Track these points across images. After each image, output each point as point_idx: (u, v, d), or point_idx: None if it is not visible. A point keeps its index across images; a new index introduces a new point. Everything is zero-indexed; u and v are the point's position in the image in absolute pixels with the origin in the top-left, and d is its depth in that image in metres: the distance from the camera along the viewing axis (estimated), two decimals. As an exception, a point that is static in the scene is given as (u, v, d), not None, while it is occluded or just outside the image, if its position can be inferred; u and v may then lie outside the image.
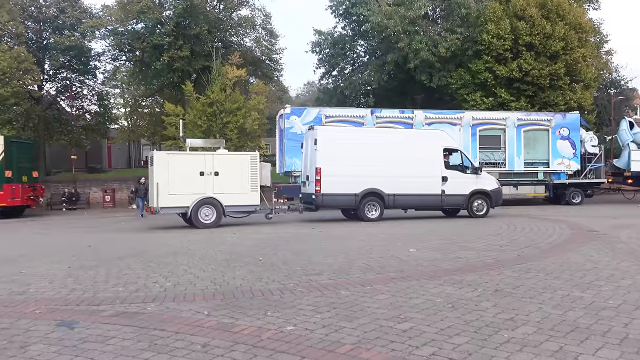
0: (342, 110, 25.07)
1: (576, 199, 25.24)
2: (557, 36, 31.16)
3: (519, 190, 24.93)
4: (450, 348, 4.33)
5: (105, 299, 6.42)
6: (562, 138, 25.27)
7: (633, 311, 5.35)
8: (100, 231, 16.04)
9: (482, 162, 23.97)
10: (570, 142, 25.38)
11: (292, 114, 22.76)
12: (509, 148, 24.80)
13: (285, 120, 22.65)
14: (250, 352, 4.34)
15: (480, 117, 24.95)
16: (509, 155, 24.81)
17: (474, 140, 24.31)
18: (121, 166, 49.80)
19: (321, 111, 23.32)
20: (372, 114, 23.64)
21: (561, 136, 25.27)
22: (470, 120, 24.39)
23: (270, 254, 9.84)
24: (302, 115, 22.80)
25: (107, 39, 36.82)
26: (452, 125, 24.05)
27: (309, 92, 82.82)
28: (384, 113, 24.08)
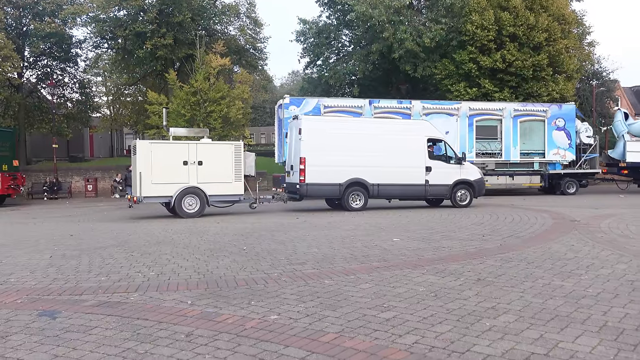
0: (341, 100, 25.24)
1: (571, 189, 25.61)
2: (541, 27, 31.37)
3: (515, 180, 25.32)
4: (432, 336, 4.37)
5: (87, 288, 6.38)
6: (558, 129, 25.58)
7: (612, 299, 5.44)
8: (83, 221, 15.90)
9: (478, 152, 24.28)
10: (566, 133, 25.69)
11: (291, 104, 22.87)
12: (505, 138, 25.10)
13: (284, 110, 22.71)
14: (234, 341, 4.35)
15: (477, 107, 25.24)
16: (505, 145, 25.11)
17: (470, 131, 24.57)
18: (103, 155, 49.33)
19: (320, 101, 23.51)
20: (370, 104, 23.86)
21: (557, 127, 25.58)
22: (467, 110, 24.66)
23: (254, 244, 9.83)
24: (301, 105, 22.93)
25: (88, 26, 36.25)
26: (449, 115, 24.34)
27: (294, 82, 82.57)
28: (381, 103, 24.33)
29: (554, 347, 4.09)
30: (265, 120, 77.19)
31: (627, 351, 3.99)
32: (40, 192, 30.10)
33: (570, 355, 3.92)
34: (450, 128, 23.92)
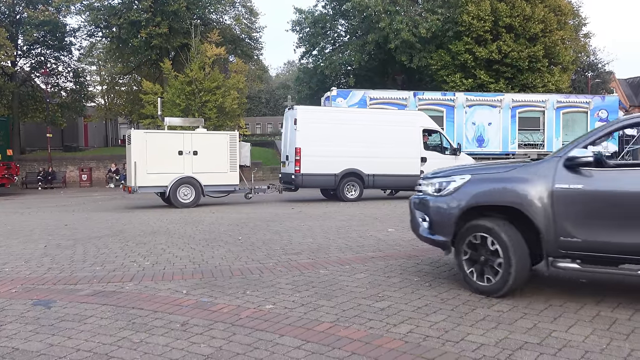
0: (386, 92, 25.58)
1: None
2: (537, 18, 31.35)
3: None
4: (427, 326, 4.40)
5: (82, 278, 6.37)
6: (601, 120, 25.73)
7: (604, 290, 5.48)
8: (77, 210, 15.86)
9: (521, 143, 24.55)
10: None
11: (338, 96, 23.60)
12: (547, 130, 25.37)
13: (332, 102, 23.16)
14: (229, 330, 4.36)
15: (519, 99, 25.59)
16: (547, 136, 25.38)
17: (513, 122, 24.88)
18: (98, 145, 49.16)
19: (366, 93, 24.21)
20: (415, 96, 24.39)
21: (599, 118, 25.73)
22: (510, 102, 25.00)
23: (249, 234, 9.84)
24: (348, 97, 23.58)
25: (82, 14, 36.00)
26: (492, 107, 24.71)
27: (289, 72, 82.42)
28: (426, 95, 24.98)
29: (547, 336, 4.13)
30: (260, 111, 77.10)
31: (619, 340, 4.03)
32: (34, 182, 29.97)
33: (563, 344, 3.95)
34: (493, 120, 24.26)
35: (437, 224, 5.80)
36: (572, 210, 5.02)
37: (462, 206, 5.54)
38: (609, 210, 4.88)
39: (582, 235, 4.95)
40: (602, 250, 4.92)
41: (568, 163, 5.05)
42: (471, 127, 24.73)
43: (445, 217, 5.70)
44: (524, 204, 5.17)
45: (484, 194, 5.51)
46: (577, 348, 3.88)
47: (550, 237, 5.08)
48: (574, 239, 4.99)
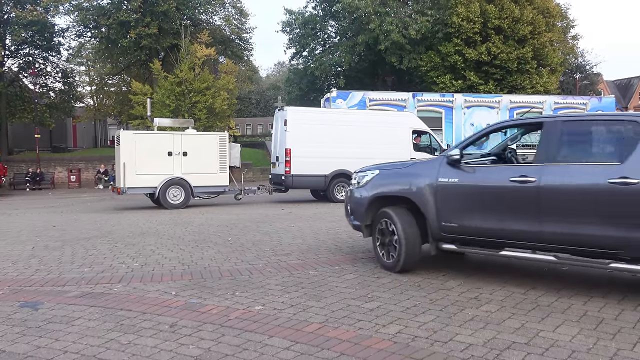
0: (385, 94, 25.75)
1: None
2: (525, 20, 31.58)
3: None
4: (415, 326, 4.41)
5: (70, 279, 6.33)
6: None
7: (592, 289, 5.52)
8: (66, 212, 15.76)
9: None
10: None
11: (338, 97, 23.68)
12: None
13: (331, 103, 23.20)
14: (217, 331, 4.35)
15: (517, 100, 25.76)
16: None
17: None
18: (87, 146, 48.85)
19: (365, 95, 24.35)
20: (414, 97, 24.55)
21: None
22: (507, 103, 25.17)
23: (239, 235, 9.82)
24: (348, 98, 23.65)
25: (71, 14, 35.78)
26: (490, 108, 24.85)
27: (280, 73, 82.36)
28: (425, 96, 25.17)
29: (534, 336, 4.15)
30: (250, 111, 76.96)
31: (605, 340, 4.06)
32: (22, 183, 29.74)
33: (550, 344, 3.98)
34: (491, 120, 24.47)
35: (354, 211, 7.10)
36: (450, 199, 6.05)
37: (370, 196, 6.79)
38: (474, 199, 5.92)
39: (458, 221, 5.98)
40: (472, 234, 5.94)
41: (448, 160, 6.11)
42: (470, 128, 24.86)
43: (359, 205, 6.96)
44: (413, 194, 6.32)
45: (385, 186, 6.73)
46: (564, 348, 3.91)
47: (434, 223, 6.15)
48: (452, 224, 6.03)
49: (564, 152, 5.54)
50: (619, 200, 4.97)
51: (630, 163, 4.98)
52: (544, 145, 5.67)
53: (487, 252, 5.93)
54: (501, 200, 5.72)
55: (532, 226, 5.44)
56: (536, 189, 5.41)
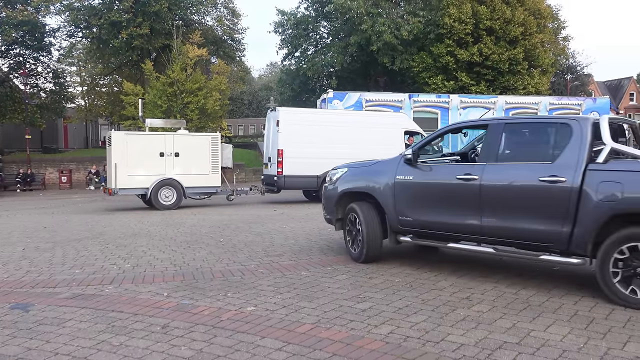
0: (381, 94, 25.77)
1: None
2: (517, 21, 31.72)
3: None
4: (407, 326, 4.42)
5: (61, 281, 6.30)
6: None
7: (582, 289, 5.55)
8: (57, 213, 15.67)
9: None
10: None
11: (335, 98, 23.65)
12: None
13: (327, 104, 23.18)
14: (210, 332, 4.34)
15: (513, 101, 25.83)
16: None
17: None
18: (78, 146, 48.56)
19: (362, 95, 24.36)
20: (410, 98, 24.57)
21: None
22: (503, 104, 25.24)
23: (231, 236, 9.80)
24: (344, 99, 23.64)
25: (62, 14, 35.54)
26: (486, 109, 24.88)
27: (272, 73, 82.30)
28: (421, 97, 25.19)
29: (525, 335, 4.17)
30: (243, 112, 76.83)
31: (596, 339, 4.09)
32: (13, 184, 29.53)
33: (541, 343, 4.00)
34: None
35: (326, 206, 7.84)
36: (406, 195, 6.58)
37: (339, 192, 7.42)
38: (426, 195, 6.44)
39: (413, 215, 6.52)
40: (425, 227, 6.48)
41: (404, 160, 6.66)
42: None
43: (330, 200, 7.65)
44: (374, 191, 6.90)
45: (352, 183, 7.32)
46: (555, 347, 3.93)
47: (392, 217, 6.71)
48: (407, 218, 6.57)
49: (504, 152, 5.96)
50: (548, 197, 5.35)
51: (560, 162, 5.36)
52: (486, 145, 6.15)
53: (437, 244, 6.51)
54: (449, 196, 6.21)
55: (474, 220, 5.91)
56: (478, 186, 5.86)
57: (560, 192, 5.26)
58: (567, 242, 5.26)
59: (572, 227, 5.20)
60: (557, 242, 5.33)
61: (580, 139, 5.34)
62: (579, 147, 5.31)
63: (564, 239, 5.26)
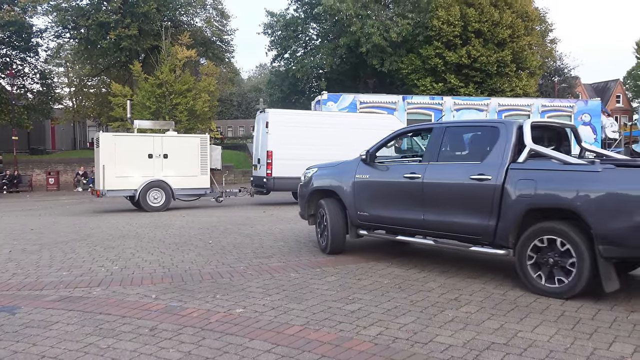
0: (375, 96, 25.81)
1: None
2: (505, 24, 31.92)
3: None
4: (396, 328, 4.43)
5: (48, 283, 6.25)
6: (584, 124, 26.19)
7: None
8: (44, 215, 15.55)
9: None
10: (592, 128, 26.37)
11: (329, 99, 23.60)
12: None
13: (322, 106, 23.19)
14: (198, 334, 4.33)
15: (506, 103, 25.95)
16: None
17: None
18: (66, 148, 48.24)
19: (356, 97, 24.44)
20: (404, 100, 24.62)
21: (583, 122, 26.20)
22: (496, 106, 25.36)
23: (220, 237, 9.78)
24: (338, 101, 23.69)
25: (49, 14, 35.30)
26: (479, 111, 25.04)
27: (261, 75, 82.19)
28: (415, 99, 25.28)
29: (513, 336, 4.20)
30: (232, 113, 76.68)
31: (582, 340, 4.13)
32: (-1, 186, 29.25)
33: (528, 344, 4.03)
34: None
35: (300, 202, 8.64)
36: (363, 192, 7.25)
37: (309, 190, 8.16)
38: (379, 192, 7.09)
39: (369, 211, 7.18)
40: (379, 221, 7.15)
41: (362, 160, 7.35)
42: None
43: (303, 198, 8.43)
44: (337, 188, 7.63)
45: (320, 181, 8.05)
46: (542, 348, 3.96)
47: (352, 212, 7.41)
48: (364, 213, 7.25)
49: (443, 153, 6.56)
50: (477, 193, 5.91)
51: (487, 162, 5.91)
52: (430, 147, 6.75)
53: (388, 237, 7.25)
54: (397, 193, 6.84)
55: (418, 215, 6.53)
56: (421, 184, 6.49)
57: (486, 189, 5.79)
58: (493, 234, 5.77)
59: (496, 221, 5.72)
60: (485, 235, 5.86)
61: (505, 140, 5.87)
62: (503, 148, 5.84)
63: (490, 232, 5.78)
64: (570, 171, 5.36)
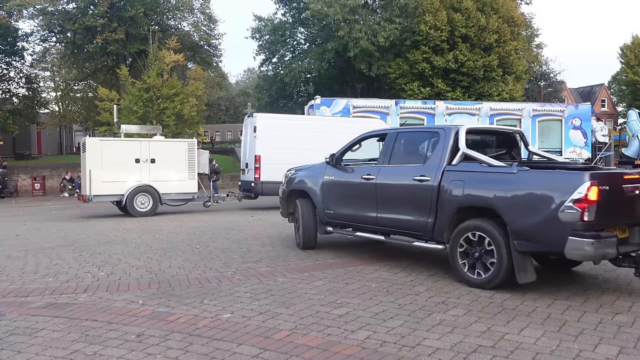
0: (369, 101, 25.81)
1: None
2: (491, 29, 32.15)
3: None
4: (384, 331, 4.44)
5: (34, 290, 6.19)
6: (575, 128, 26.38)
7: (556, 292, 5.65)
8: (30, 220, 15.40)
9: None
10: (582, 132, 26.56)
11: (322, 104, 23.62)
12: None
13: (315, 110, 23.16)
14: (185, 340, 4.31)
15: (497, 107, 26.07)
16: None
17: None
18: (52, 152, 47.80)
19: (349, 102, 24.43)
20: (397, 104, 24.69)
21: (573, 126, 26.40)
22: (488, 110, 25.44)
23: (207, 242, 9.75)
24: (332, 105, 23.67)
25: (35, 18, 35.05)
26: (471, 115, 25.09)
27: (249, 79, 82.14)
28: (407, 104, 25.33)
29: (500, 339, 4.23)
30: (220, 118, 76.51)
31: (568, 341, 4.16)
32: (-17, 191, 28.90)
33: (515, 346, 4.06)
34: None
35: (280, 202, 9.40)
36: (329, 192, 7.97)
37: (286, 191, 8.99)
38: (341, 192, 7.79)
39: (334, 209, 7.89)
40: (342, 219, 7.83)
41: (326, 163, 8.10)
42: None
43: (282, 198, 9.22)
44: (308, 189, 8.37)
45: (295, 183, 8.76)
46: (529, 350, 3.99)
47: (321, 210, 8.12)
48: (330, 211, 7.95)
49: (394, 156, 7.16)
50: (419, 193, 6.51)
51: (428, 164, 6.55)
52: (383, 151, 7.39)
53: (348, 233, 7.85)
54: (356, 193, 7.50)
55: (373, 213, 7.18)
56: (374, 185, 7.14)
57: (426, 189, 6.40)
58: (431, 231, 6.38)
59: (434, 218, 6.32)
60: (425, 231, 6.47)
61: (443, 145, 6.46)
62: (441, 151, 6.43)
63: (429, 228, 6.40)
64: (491, 173, 5.94)
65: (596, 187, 5.06)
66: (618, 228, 5.45)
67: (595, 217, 5.08)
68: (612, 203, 5.29)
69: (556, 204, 5.21)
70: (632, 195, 5.48)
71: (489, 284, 5.70)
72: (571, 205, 5.09)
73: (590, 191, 5.03)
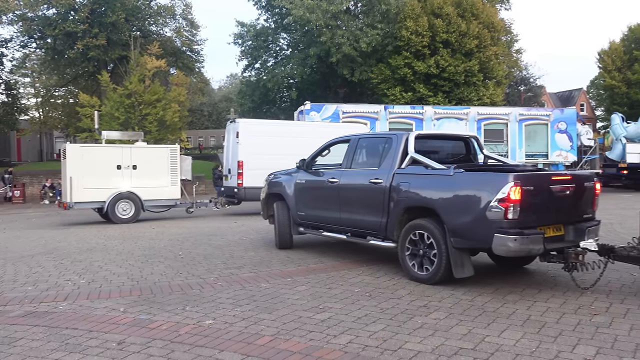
0: (358, 106, 25.80)
1: None
2: (472, 34, 32.46)
3: None
4: (366, 335, 4.46)
5: (12, 298, 6.11)
6: (560, 132, 26.69)
7: (535, 294, 5.72)
8: (9, 228, 15.18)
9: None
10: (568, 136, 26.86)
11: (312, 109, 23.58)
12: (511, 141, 26.18)
13: (305, 116, 23.14)
14: (167, 347, 4.29)
15: (484, 112, 26.25)
16: (511, 147, 26.16)
17: (479, 134, 25.39)
18: (32, 159, 47.22)
19: (339, 107, 24.44)
20: (386, 109, 24.75)
21: (559, 130, 26.69)
22: (475, 115, 25.61)
23: (190, 249, 9.70)
24: (321, 111, 23.65)
25: (15, 24, 34.66)
26: (459, 119, 25.24)
27: (232, 84, 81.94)
28: (396, 109, 25.40)
29: (480, 341, 4.27)
30: (202, 124, 76.19)
31: (547, 343, 4.22)
32: (-38, 199, 28.48)
33: (495, 348, 4.10)
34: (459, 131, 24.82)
35: (261, 205, 9.88)
36: (300, 195, 8.53)
37: (266, 193, 9.58)
38: (310, 194, 8.35)
39: (304, 210, 8.44)
40: (310, 220, 8.36)
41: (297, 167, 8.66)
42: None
43: (262, 200, 9.76)
44: (282, 192, 8.96)
45: (272, 187, 9.39)
46: (509, 352, 4.04)
47: (294, 212, 8.68)
48: (301, 212, 8.51)
49: (355, 161, 7.71)
50: (374, 195, 6.97)
51: (382, 167, 7.03)
52: (346, 155, 7.89)
53: (317, 233, 8.29)
54: (322, 195, 8.02)
55: (336, 214, 7.72)
56: (337, 187, 7.69)
57: (379, 191, 6.86)
58: (385, 230, 6.83)
59: (387, 218, 6.78)
60: (379, 230, 6.94)
61: (395, 149, 6.95)
62: (393, 155, 6.92)
63: (382, 227, 6.86)
64: (432, 175, 6.41)
65: (519, 188, 5.42)
66: (552, 226, 5.83)
67: (520, 216, 5.44)
68: (539, 202, 5.68)
69: (484, 203, 5.61)
70: (562, 195, 5.82)
71: (432, 279, 6.15)
72: (496, 205, 5.48)
73: (512, 191, 5.40)
